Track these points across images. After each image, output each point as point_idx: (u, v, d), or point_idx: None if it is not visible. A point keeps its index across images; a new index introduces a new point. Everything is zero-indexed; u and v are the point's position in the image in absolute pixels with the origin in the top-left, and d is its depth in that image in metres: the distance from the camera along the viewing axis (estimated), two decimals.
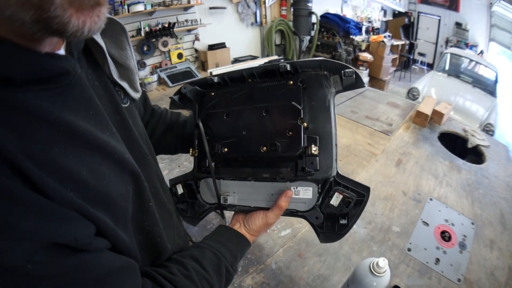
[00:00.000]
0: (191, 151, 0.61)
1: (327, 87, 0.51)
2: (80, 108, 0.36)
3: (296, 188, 0.52)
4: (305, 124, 0.50)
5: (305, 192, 0.52)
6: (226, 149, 0.54)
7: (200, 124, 0.56)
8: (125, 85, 0.50)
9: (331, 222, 0.52)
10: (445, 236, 0.92)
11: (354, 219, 0.50)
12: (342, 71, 0.50)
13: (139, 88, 0.54)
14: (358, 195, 0.50)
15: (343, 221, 0.51)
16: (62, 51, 0.35)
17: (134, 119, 0.52)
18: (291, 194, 0.53)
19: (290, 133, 0.49)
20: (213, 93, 0.59)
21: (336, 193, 0.50)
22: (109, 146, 0.38)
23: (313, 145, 0.49)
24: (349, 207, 0.49)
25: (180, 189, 0.63)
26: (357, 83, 0.51)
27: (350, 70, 0.49)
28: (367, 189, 0.49)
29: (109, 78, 0.46)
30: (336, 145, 0.50)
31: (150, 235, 0.46)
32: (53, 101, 0.32)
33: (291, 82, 0.52)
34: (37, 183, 0.28)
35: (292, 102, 0.50)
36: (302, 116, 0.49)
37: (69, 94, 0.35)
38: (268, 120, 0.51)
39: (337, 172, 0.50)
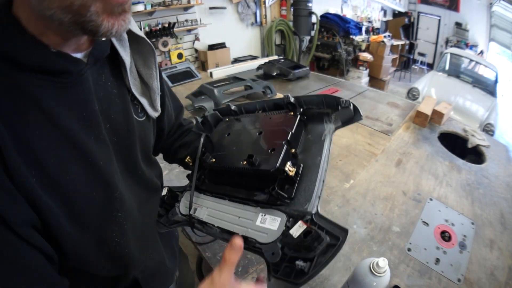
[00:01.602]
0: (187, 159, 0.64)
1: (326, 123, 0.53)
2: (74, 107, 0.38)
3: (264, 215, 0.46)
4: (293, 150, 0.49)
5: (271, 222, 0.45)
6: (213, 160, 0.55)
7: (202, 139, 0.59)
8: (144, 102, 0.52)
9: (291, 268, 0.41)
10: (445, 236, 0.92)
11: (319, 268, 0.39)
12: (340, 102, 0.50)
13: (159, 108, 0.56)
14: (332, 238, 0.39)
15: (301, 264, 0.39)
16: (79, 55, 0.39)
17: (144, 134, 0.54)
18: (239, 245, 0.40)
19: (272, 152, 0.47)
20: (227, 119, 0.65)
21: (299, 222, 0.41)
22: (86, 148, 0.40)
23: (289, 163, 0.44)
24: (307, 240, 0.39)
25: (164, 191, 0.63)
26: (355, 116, 0.50)
27: (345, 100, 0.49)
28: (344, 231, 0.39)
29: (129, 91, 0.49)
30: (323, 181, 0.46)
31: (118, 247, 0.47)
32: (51, 93, 0.36)
33: (292, 113, 0.54)
34: (4, 154, 0.32)
35: (282, 127, 0.51)
36: (289, 139, 0.48)
37: (68, 92, 0.38)
38: (258, 139, 0.53)
39: (317, 212, 0.43)
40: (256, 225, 0.46)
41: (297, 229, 0.40)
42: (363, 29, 4.86)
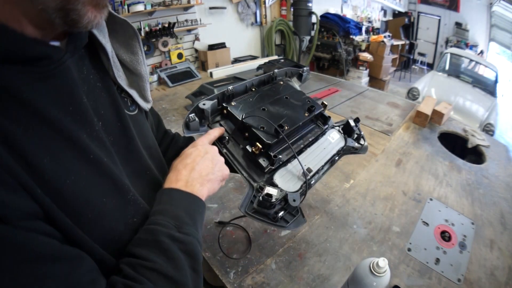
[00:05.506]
0: (253, 149, 0.56)
1: (291, 83, 0.81)
2: (59, 100, 0.34)
3: (330, 134, 0.73)
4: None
5: (335, 135, 0.74)
6: (286, 127, 0.61)
7: (248, 120, 0.59)
8: (133, 93, 0.48)
9: None
10: (445, 236, 0.92)
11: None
12: (300, 70, 0.82)
13: (150, 98, 0.51)
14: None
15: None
16: (57, 43, 0.35)
17: (141, 129, 0.49)
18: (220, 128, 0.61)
19: (308, 101, 0.70)
20: (233, 103, 0.64)
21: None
22: (83, 143, 0.34)
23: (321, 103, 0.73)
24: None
25: (274, 193, 0.54)
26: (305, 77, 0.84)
27: (304, 68, 0.84)
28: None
29: (115, 83, 0.44)
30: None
31: None
32: (31, 85, 0.31)
33: (281, 82, 0.77)
34: None
35: (291, 91, 0.74)
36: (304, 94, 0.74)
37: (49, 83, 0.33)
38: (291, 101, 0.69)
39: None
40: (330, 142, 0.71)
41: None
42: (363, 29, 4.85)
